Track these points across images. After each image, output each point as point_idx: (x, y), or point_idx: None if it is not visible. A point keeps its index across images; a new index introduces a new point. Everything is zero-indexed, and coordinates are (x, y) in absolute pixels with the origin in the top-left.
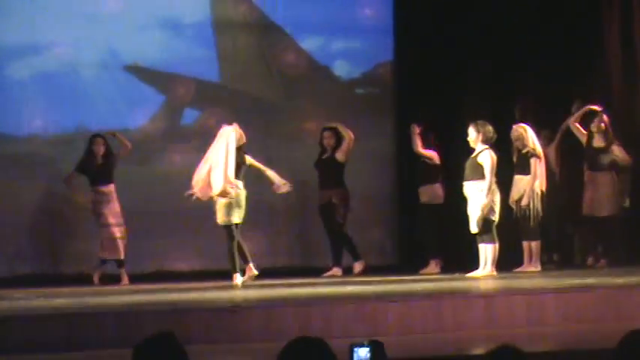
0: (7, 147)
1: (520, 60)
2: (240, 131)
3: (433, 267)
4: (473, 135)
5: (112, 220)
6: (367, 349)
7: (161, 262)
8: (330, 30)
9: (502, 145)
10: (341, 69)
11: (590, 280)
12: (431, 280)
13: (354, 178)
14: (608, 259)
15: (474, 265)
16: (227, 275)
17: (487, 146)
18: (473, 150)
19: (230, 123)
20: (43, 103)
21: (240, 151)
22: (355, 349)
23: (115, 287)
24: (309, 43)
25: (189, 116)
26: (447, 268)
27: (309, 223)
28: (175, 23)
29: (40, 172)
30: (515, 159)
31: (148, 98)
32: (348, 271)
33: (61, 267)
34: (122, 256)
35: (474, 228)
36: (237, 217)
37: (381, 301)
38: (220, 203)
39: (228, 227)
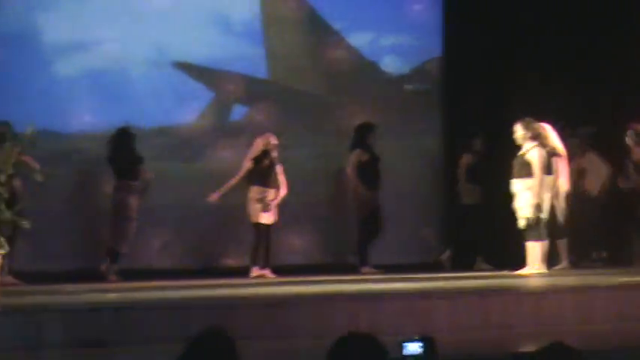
0: (55, 144)
1: (570, 58)
2: (264, 139)
3: (480, 264)
4: (520, 132)
5: (135, 214)
6: (419, 344)
7: (210, 258)
8: (379, 26)
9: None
10: (390, 65)
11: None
12: (479, 277)
13: (402, 176)
14: None
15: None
16: (277, 271)
17: (535, 143)
18: (520, 147)
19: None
20: (91, 100)
21: (265, 157)
22: (405, 344)
23: (156, 283)
24: (357, 40)
25: (238, 113)
26: (496, 266)
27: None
28: (224, 20)
29: (88, 169)
30: None
31: (196, 95)
32: (393, 269)
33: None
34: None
35: (521, 225)
36: (265, 218)
37: (429, 299)
38: (250, 204)
39: (255, 226)
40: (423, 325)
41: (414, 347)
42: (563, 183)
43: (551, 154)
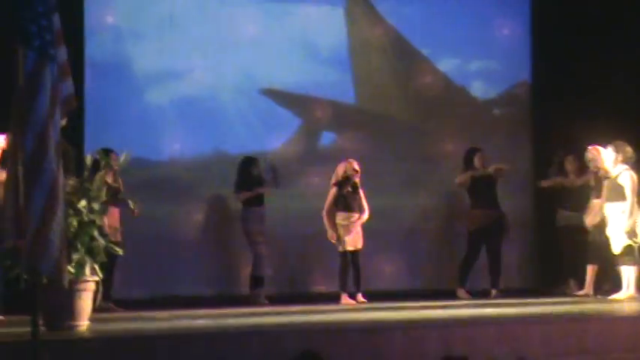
0: (147, 171)
1: None
2: (345, 165)
3: (573, 289)
4: (612, 156)
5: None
6: None
7: (298, 285)
8: (466, 51)
9: None
10: (478, 89)
11: None
12: (572, 302)
13: None
14: None
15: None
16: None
17: (627, 167)
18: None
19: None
20: (181, 127)
21: (347, 182)
22: None
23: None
24: (445, 64)
25: (326, 139)
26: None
27: (453, 247)
28: (311, 46)
29: (179, 197)
30: (592, 182)
31: (285, 121)
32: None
33: (198, 289)
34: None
35: (616, 249)
36: (349, 244)
37: (523, 323)
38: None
39: (341, 253)
40: (517, 351)
41: None
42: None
43: (604, 177)
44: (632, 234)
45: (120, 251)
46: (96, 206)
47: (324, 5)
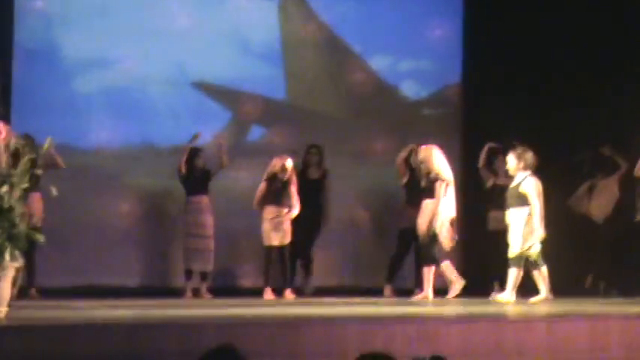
0: (73, 159)
1: (591, 84)
2: (278, 160)
3: (497, 291)
4: (513, 162)
5: (202, 231)
6: None
7: (226, 279)
8: (399, 50)
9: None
10: (409, 89)
11: None
12: (494, 303)
13: None
14: None
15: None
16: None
17: (529, 173)
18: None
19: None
20: (109, 117)
21: (275, 178)
22: None
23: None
24: (377, 63)
25: (256, 133)
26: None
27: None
28: (244, 40)
29: (105, 186)
30: (423, 183)
31: (214, 115)
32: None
33: (122, 279)
34: (210, 269)
35: (513, 253)
36: (274, 239)
37: (444, 322)
38: (262, 224)
39: (266, 248)
40: (436, 349)
41: None
42: (447, 209)
43: (435, 178)
44: (530, 238)
45: (41, 238)
46: (18, 192)
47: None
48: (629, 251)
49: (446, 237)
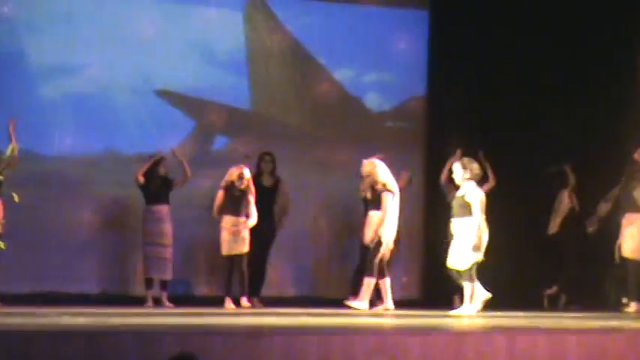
0: (36, 165)
1: (550, 97)
2: (232, 170)
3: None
4: (460, 172)
5: (162, 240)
6: None
7: (185, 287)
8: (363, 62)
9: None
10: (372, 101)
11: (613, 323)
12: (453, 316)
13: None
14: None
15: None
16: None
17: (474, 183)
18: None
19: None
20: (74, 123)
21: (232, 187)
22: None
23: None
24: (342, 74)
25: (220, 142)
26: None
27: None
28: (209, 50)
29: (67, 192)
30: (369, 195)
31: (178, 123)
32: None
33: (83, 286)
34: (169, 277)
35: (452, 264)
36: (232, 249)
37: (403, 334)
38: (221, 234)
39: (225, 257)
40: None
41: None
42: (392, 221)
43: (381, 190)
44: (477, 250)
45: (2, 244)
46: None
47: (223, 9)
48: (584, 264)
49: (388, 247)
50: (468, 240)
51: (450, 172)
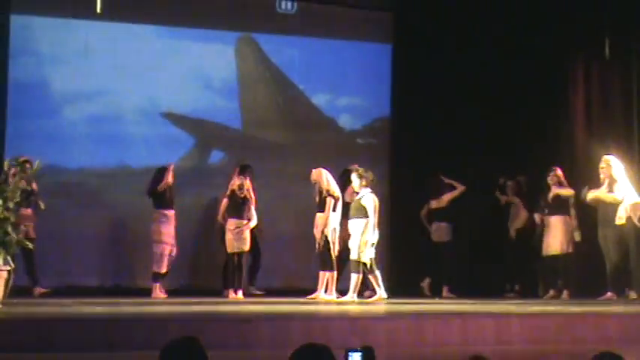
0: (58, 177)
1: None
2: (234, 181)
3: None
4: (357, 181)
5: (168, 239)
6: (360, 354)
7: (192, 281)
8: (336, 88)
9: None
10: (345, 122)
11: (549, 308)
12: (421, 302)
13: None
14: (569, 291)
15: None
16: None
17: (369, 190)
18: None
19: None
20: (91, 141)
21: (234, 195)
22: (350, 354)
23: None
24: (318, 99)
25: (216, 156)
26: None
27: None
28: (206, 78)
29: (86, 200)
30: (317, 199)
31: (180, 140)
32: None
33: (100, 279)
34: (163, 271)
35: (352, 259)
36: (236, 247)
37: (373, 319)
38: (225, 234)
39: (228, 254)
40: (367, 341)
41: (357, 357)
42: (334, 221)
43: (326, 195)
44: (369, 246)
45: (30, 245)
46: (10, 205)
47: (218, 44)
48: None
49: (335, 244)
50: (362, 237)
51: (429, 208)
